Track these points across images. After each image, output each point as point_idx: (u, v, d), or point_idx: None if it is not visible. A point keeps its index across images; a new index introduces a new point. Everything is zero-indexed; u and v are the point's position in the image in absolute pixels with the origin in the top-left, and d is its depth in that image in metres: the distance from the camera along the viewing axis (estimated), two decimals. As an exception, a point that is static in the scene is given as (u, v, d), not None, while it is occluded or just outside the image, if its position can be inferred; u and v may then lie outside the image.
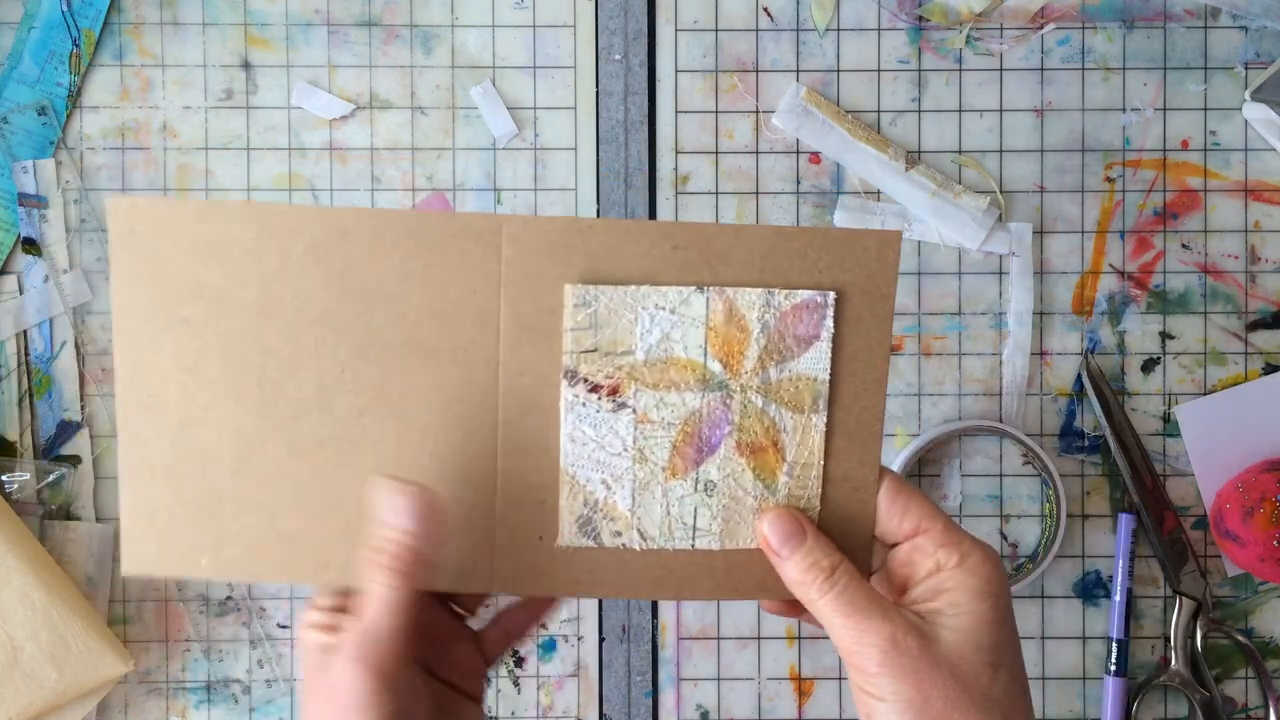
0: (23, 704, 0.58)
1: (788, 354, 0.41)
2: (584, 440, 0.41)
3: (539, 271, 0.40)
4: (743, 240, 0.41)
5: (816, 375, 0.41)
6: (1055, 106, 0.63)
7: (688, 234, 0.41)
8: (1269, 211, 0.63)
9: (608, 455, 0.42)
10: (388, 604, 0.38)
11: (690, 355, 0.41)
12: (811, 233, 0.41)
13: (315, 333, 0.41)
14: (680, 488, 0.42)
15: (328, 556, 0.42)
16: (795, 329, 0.41)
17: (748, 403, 0.41)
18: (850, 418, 0.42)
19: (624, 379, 0.41)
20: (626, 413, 0.41)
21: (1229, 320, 0.63)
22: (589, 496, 0.42)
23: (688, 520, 0.42)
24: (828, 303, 0.41)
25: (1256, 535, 0.59)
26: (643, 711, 0.64)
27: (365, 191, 0.63)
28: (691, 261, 0.41)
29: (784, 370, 0.41)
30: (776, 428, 0.42)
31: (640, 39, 0.63)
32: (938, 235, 0.63)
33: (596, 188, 0.63)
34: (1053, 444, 0.63)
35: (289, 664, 0.63)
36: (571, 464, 0.42)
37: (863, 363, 0.42)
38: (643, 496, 0.42)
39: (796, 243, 0.41)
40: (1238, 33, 0.63)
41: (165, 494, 0.41)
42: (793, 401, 0.41)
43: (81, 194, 0.63)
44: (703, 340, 0.41)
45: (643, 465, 0.42)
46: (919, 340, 0.63)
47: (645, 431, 0.41)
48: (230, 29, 0.63)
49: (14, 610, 0.58)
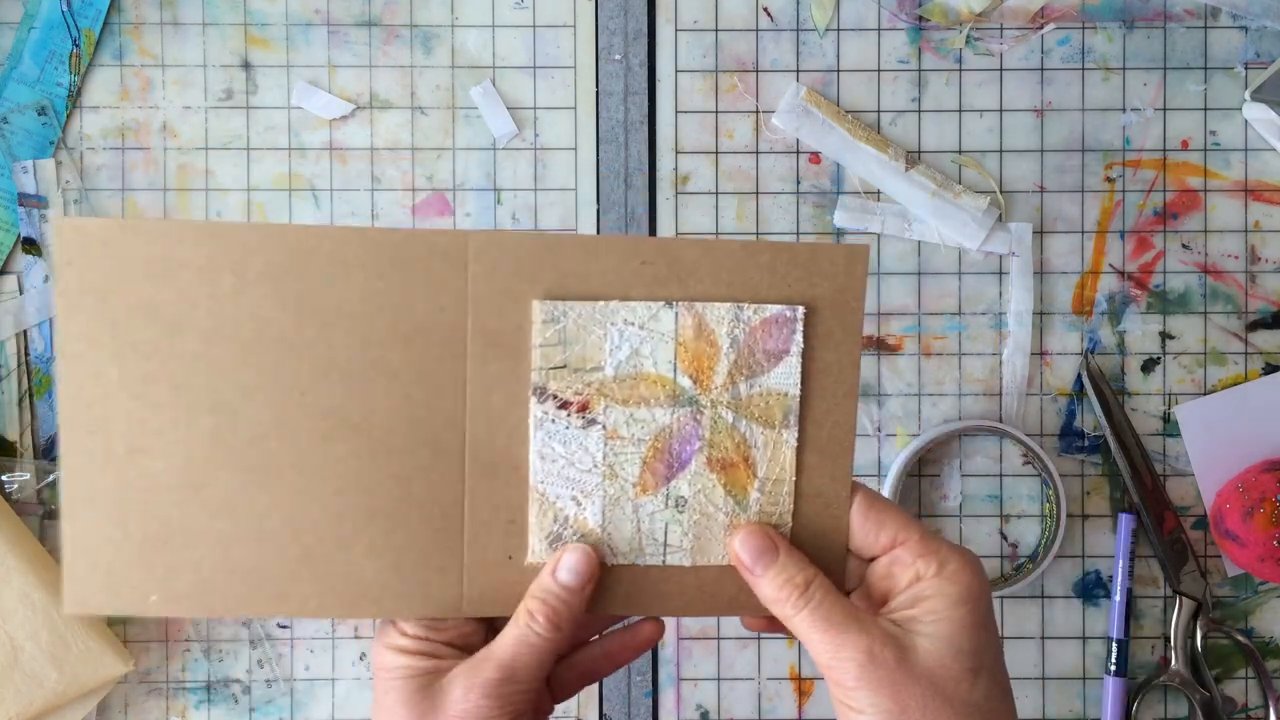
0: (23, 704, 0.58)
1: (758, 369, 0.41)
2: (553, 457, 0.41)
3: (506, 288, 0.40)
4: (711, 255, 0.40)
5: (787, 390, 0.41)
6: (1055, 106, 0.63)
7: (656, 249, 0.40)
8: (1269, 211, 0.63)
9: (578, 472, 0.41)
10: (537, 649, 0.40)
11: (660, 371, 0.41)
12: (779, 247, 0.41)
13: (272, 355, 0.39)
14: (651, 504, 0.42)
15: (287, 588, 0.40)
16: (765, 344, 0.41)
17: (718, 418, 0.41)
18: (822, 433, 0.42)
19: (593, 395, 0.41)
20: (596, 429, 0.41)
21: (1229, 320, 0.63)
22: (559, 513, 0.41)
23: (659, 536, 0.42)
24: (797, 317, 0.41)
25: (1256, 535, 0.59)
26: (643, 711, 0.64)
27: (365, 191, 0.63)
28: (660, 276, 0.40)
29: (754, 385, 0.41)
30: (747, 443, 0.41)
31: (640, 39, 0.63)
32: (938, 235, 0.63)
33: (596, 188, 0.63)
34: (1053, 444, 0.63)
35: (289, 664, 0.63)
36: (541, 481, 0.41)
37: (833, 377, 0.41)
38: (613, 513, 0.41)
39: (765, 257, 0.40)
40: (1238, 33, 0.63)
41: (110, 527, 0.40)
42: (763, 417, 0.41)
43: (81, 194, 0.63)
44: (672, 356, 0.41)
45: (613, 481, 0.41)
46: (919, 340, 0.63)
47: (615, 447, 0.41)
48: (230, 29, 0.63)
49: (14, 610, 0.58)
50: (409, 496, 0.41)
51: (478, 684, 0.39)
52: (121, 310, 0.39)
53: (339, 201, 0.63)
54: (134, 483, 0.40)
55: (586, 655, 0.46)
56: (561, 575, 0.41)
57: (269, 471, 0.40)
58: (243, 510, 0.40)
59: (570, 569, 0.41)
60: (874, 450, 0.63)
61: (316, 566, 0.40)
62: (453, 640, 0.42)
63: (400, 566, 0.41)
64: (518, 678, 0.40)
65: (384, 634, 0.42)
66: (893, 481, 0.62)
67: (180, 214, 0.63)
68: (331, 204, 0.63)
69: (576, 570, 0.41)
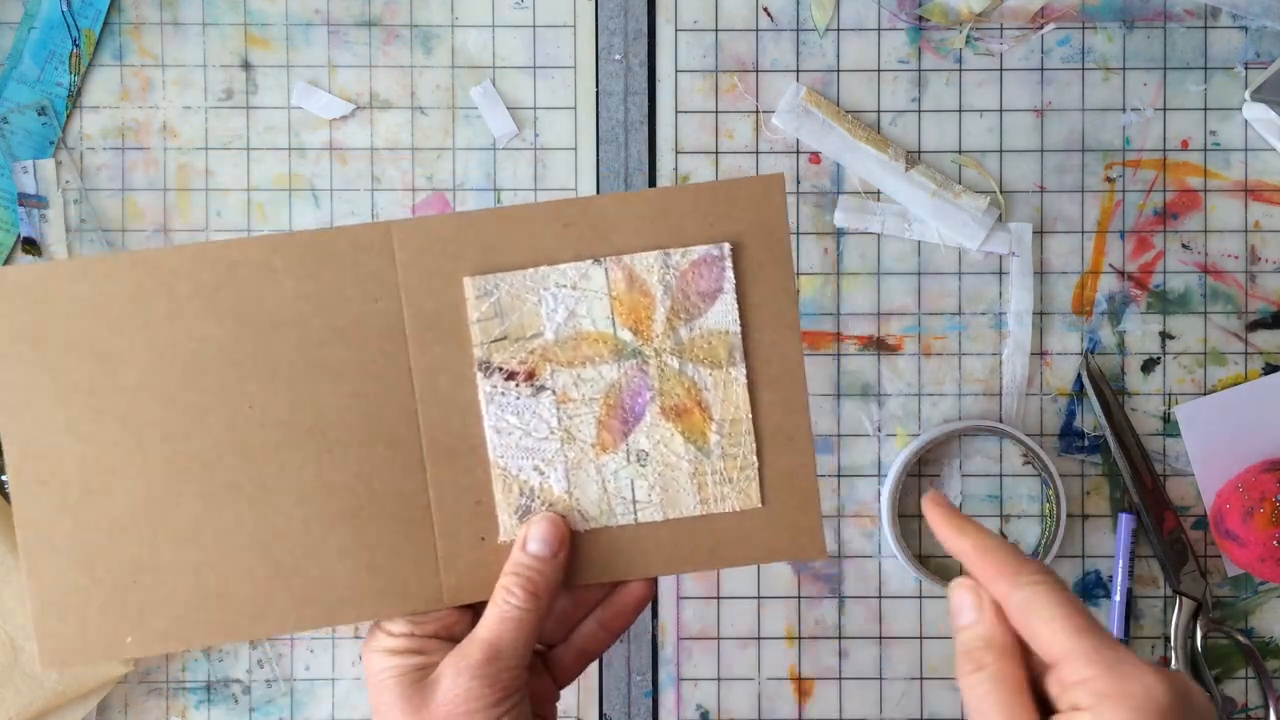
0: (23, 704, 0.58)
1: (694, 312, 0.41)
2: (509, 430, 0.41)
3: (436, 270, 0.40)
4: (630, 206, 0.41)
5: (727, 328, 0.41)
6: (1055, 106, 0.63)
7: (576, 209, 0.41)
8: (1269, 211, 0.63)
9: (535, 441, 0.41)
10: (519, 623, 0.40)
11: (599, 328, 0.41)
12: (696, 188, 0.41)
13: (215, 373, 0.39)
14: (613, 462, 0.42)
15: (264, 606, 0.40)
16: (697, 285, 0.41)
17: (664, 366, 0.41)
18: (770, 368, 0.42)
19: (538, 362, 0.41)
20: (546, 395, 0.41)
21: (1229, 320, 0.63)
22: (523, 485, 0.41)
23: (625, 494, 0.42)
24: (724, 254, 0.41)
25: (1256, 535, 0.59)
26: (643, 711, 0.64)
27: (365, 191, 0.63)
28: (585, 236, 0.41)
29: (694, 328, 0.41)
30: (698, 386, 0.41)
31: (640, 39, 0.63)
32: (938, 235, 0.63)
33: (597, 188, 0.63)
34: (1053, 444, 0.63)
35: (289, 664, 0.63)
36: (500, 456, 0.41)
37: (772, 309, 0.41)
38: (577, 476, 0.41)
39: (682, 199, 0.41)
40: (1238, 33, 0.63)
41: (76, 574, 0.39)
42: (709, 358, 0.41)
43: (81, 194, 0.63)
44: (609, 311, 0.41)
45: (571, 445, 0.41)
46: (919, 340, 0.63)
47: (569, 410, 0.41)
48: (230, 29, 0.63)
49: (14, 610, 0.58)
50: (372, 493, 0.40)
51: (465, 667, 0.39)
52: (57, 353, 0.38)
53: (339, 201, 0.63)
54: (94, 525, 0.39)
55: (582, 633, 0.46)
56: (532, 547, 0.41)
57: (228, 491, 0.39)
58: (208, 535, 0.40)
59: (540, 539, 0.41)
60: (874, 450, 0.63)
61: (290, 579, 0.40)
62: (438, 632, 0.42)
63: (375, 565, 0.41)
64: (503, 656, 0.40)
65: (372, 638, 0.42)
66: (893, 481, 0.62)
67: (180, 214, 0.63)
68: (331, 204, 0.63)
69: (545, 539, 0.41)
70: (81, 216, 0.63)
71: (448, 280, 0.40)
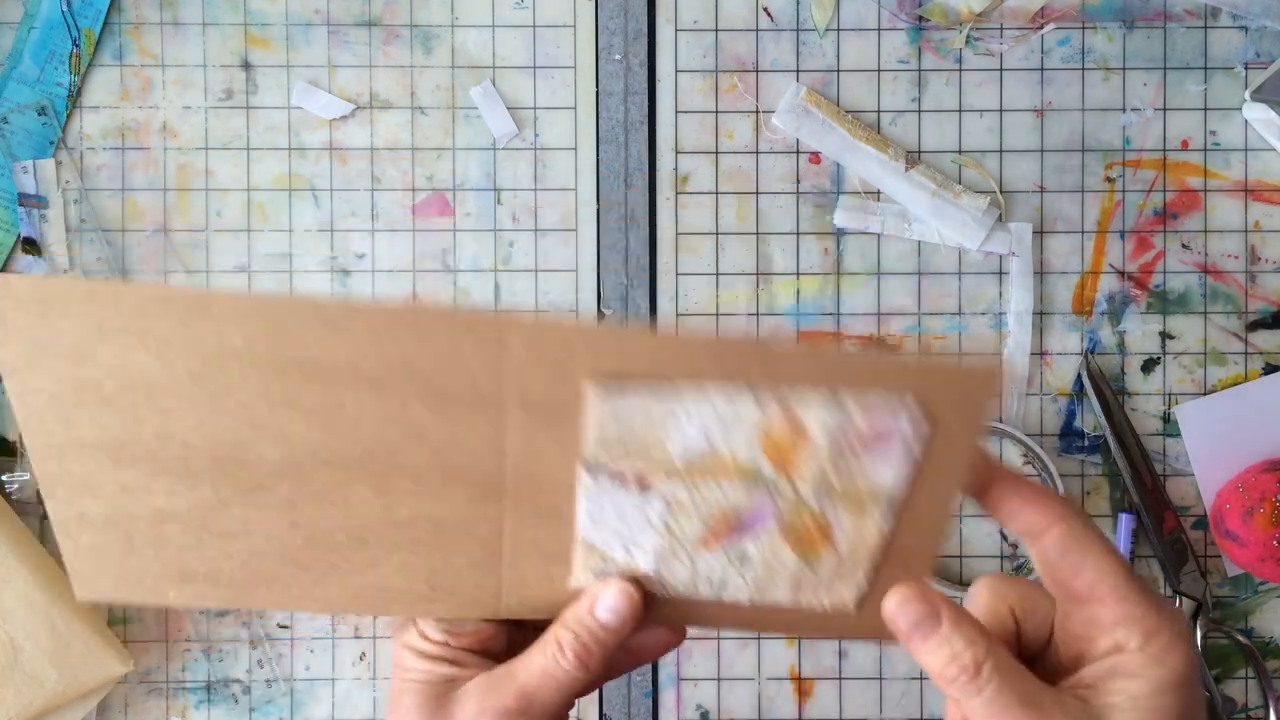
0: (23, 704, 0.58)
1: (853, 462, 0.35)
2: (604, 520, 0.36)
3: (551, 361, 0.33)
4: (808, 361, 0.33)
5: (885, 490, 0.35)
6: (1055, 106, 0.63)
7: (735, 351, 0.33)
8: (1269, 211, 0.63)
9: (631, 530, 0.37)
10: (560, 685, 0.37)
11: (739, 459, 0.35)
12: (898, 367, 0.33)
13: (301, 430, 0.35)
14: (711, 557, 0.37)
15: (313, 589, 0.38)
16: (864, 437, 0.34)
17: (801, 503, 0.36)
18: (914, 529, 0.36)
19: (655, 473, 0.35)
20: (655, 499, 0.36)
21: (1229, 320, 0.63)
22: (606, 555, 0.37)
23: (715, 579, 0.38)
24: (909, 422, 0.34)
25: (1256, 535, 0.59)
26: (643, 711, 0.64)
27: (365, 191, 0.63)
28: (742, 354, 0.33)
29: (846, 477, 0.35)
30: (829, 524, 0.36)
31: (640, 39, 0.63)
32: (938, 235, 0.63)
33: (596, 187, 0.63)
34: (1053, 444, 0.63)
35: (289, 664, 0.63)
36: (589, 535, 0.37)
37: (935, 483, 0.35)
38: (667, 560, 0.37)
39: (874, 372, 0.33)
40: (1238, 33, 0.63)
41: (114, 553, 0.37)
42: (852, 504, 0.35)
43: (81, 194, 0.63)
44: (753, 443, 0.34)
45: (670, 538, 0.37)
46: (919, 340, 0.63)
47: (675, 513, 0.36)
48: (230, 29, 0.63)
49: (14, 610, 0.58)
50: (441, 531, 0.37)
51: (490, 708, 0.38)
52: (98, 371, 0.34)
53: (339, 201, 0.63)
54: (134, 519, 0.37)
55: None
56: (601, 614, 0.37)
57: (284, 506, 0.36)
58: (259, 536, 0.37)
59: (612, 609, 0.37)
60: (874, 450, 0.63)
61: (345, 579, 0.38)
62: (471, 645, 0.40)
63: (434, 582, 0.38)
64: (533, 710, 0.38)
65: (403, 632, 0.40)
66: (893, 481, 0.62)
67: (180, 214, 0.63)
68: (331, 204, 0.63)
69: (618, 610, 0.37)
70: (81, 216, 0.63)
71: (566, 377, 0.34)
